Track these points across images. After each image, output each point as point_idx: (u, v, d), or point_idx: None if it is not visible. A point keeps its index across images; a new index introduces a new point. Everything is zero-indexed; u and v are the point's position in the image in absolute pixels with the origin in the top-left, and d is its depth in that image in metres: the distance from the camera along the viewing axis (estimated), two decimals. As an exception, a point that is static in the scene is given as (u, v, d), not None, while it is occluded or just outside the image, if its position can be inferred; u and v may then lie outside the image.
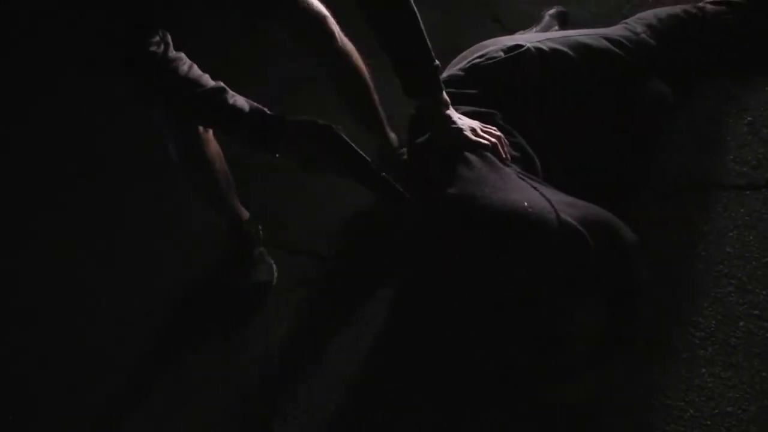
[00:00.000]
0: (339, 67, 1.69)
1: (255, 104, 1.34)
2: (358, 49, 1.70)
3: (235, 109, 1.31)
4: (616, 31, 1.60)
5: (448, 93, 1.50)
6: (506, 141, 1.40)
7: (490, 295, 1.35)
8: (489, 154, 1.36)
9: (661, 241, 1.54)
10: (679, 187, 1.62)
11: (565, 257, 1.24)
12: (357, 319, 1.71)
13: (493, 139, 1.37)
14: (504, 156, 1.37)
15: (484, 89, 1.48)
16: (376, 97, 1.78)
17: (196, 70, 1.31)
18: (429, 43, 1.35)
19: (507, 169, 1.35)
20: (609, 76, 1.55)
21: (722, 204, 1.55)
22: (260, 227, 1.96)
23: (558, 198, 1.27)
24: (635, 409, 1.34)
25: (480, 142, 1.36)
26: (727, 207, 1.54)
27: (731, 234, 1.51)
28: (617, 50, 1.54)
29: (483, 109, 1.47)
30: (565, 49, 1.51)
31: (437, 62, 1.37)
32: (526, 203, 1.21)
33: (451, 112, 1.39)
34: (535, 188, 1.30)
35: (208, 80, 1.31)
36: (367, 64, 1.73)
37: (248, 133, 1.34)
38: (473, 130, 1.38)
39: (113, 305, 2.01)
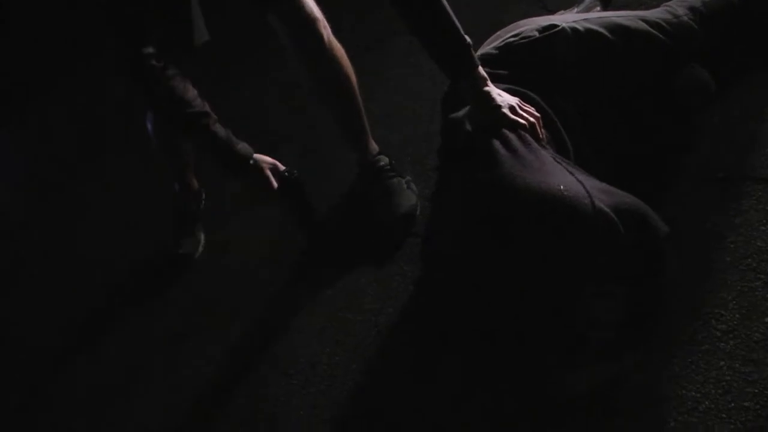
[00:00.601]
0: (326, 70, 1.73)
1: (231, 137, 1.54)
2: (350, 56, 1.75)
3: (214, 137, 1.51)
4: (655, 13, 1.56)
5: None
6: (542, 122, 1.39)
7: (515, 280, 1.35)
8: (526, 134, 1.36)
9: (690, 231, 1.50)
10: (713, 176, 1.57)
11: (597, 244, 1.23)
12: (375, 299, 1.73)
13: (531, 119, 1.37)
14: (541, 136, 1.37)
15: (516, 69, 1.47)
16: (361, 105, 1.81)
17: (190, 90, 1.48)
18: (457, 21, 1.36)
19: (543, 151, 1.34)
20: (647, 60, 1.52)
21: (756, 197, 1.51)
22: (203, 202, 2.09)
23: (593, 184, 1.26)
24: (649, 397, 1.33)
25: (518, 121, 1.36)
26: (761, 200, 1.50)
27: (763, 228, 1.46)
28: (656, 33, 1.50)
29: (521, 89, 1.45)
30: (602, 30, 1.48)
31: (468, 39, 1.37)
32: (561, 187, 1.21)
33: (491, 88, 1.39)
34: (570, 173, 1.29)
35: (197, 102, 1.49)
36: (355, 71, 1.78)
37: (217, 161, 1.55)
38: (512, 108, 1.38)
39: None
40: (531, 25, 1.54)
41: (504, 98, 1.39)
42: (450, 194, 1.42)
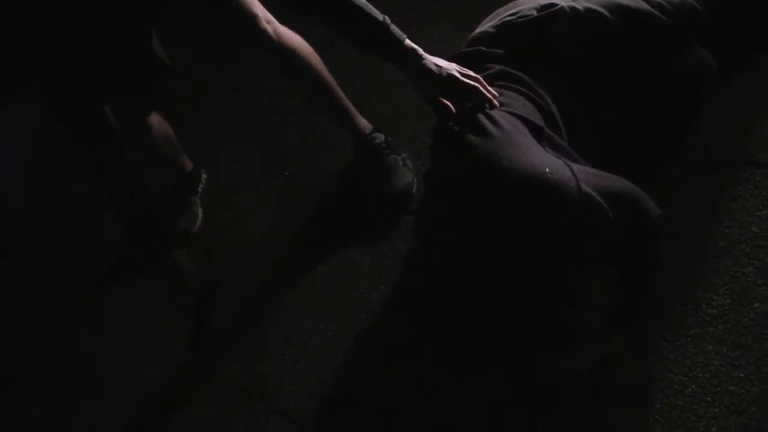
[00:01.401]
0: (281, 63, 1.72)
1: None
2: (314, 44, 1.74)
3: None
4: (658, -8, 1.53)
5: (477, 51, 1.48)
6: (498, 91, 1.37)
7: (502, 261, 1.35)
8: (513, 113, 1.34)
9: (685, 214, 1.50)
10: (711, 160, 1.56)
11: (583, 228, 1.22)
12: (368, 277, 1.74)
13: (473, 83, 1.34)
14: (490, 96, 1.34)
15: (512, 49, 1.45)
16: (335, 88, 1.79)
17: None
18: (366, 3, 1.34)
19: (531, 137, 1.32)
20: (647, 40, 1.49)
21: (754, 182, 1.50)
22: (203, 179, 2.11)
23: (581, 167, 1.25)
24: (636, 380, 1.34)
25: (468, 84, 1.33)
26: (759, 185, 1.49)
27: (759, 213, 1.45)
28: (657, 13, 1.47)
29: (512, 70, 1.43)
30: (601, 10, 1.45)
31: (383, 18, 1.35)
32: (547, 169, 1.19)
33: (426, 59, 1.36)
34: (557, 157, 1.27)
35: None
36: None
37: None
38: (453, 77, 1.34)
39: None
40: (530, 4, 1.51)
41: (443, 68, 1.35)
42: (440, 173, 1.41)
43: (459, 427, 1.41)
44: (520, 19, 1.47)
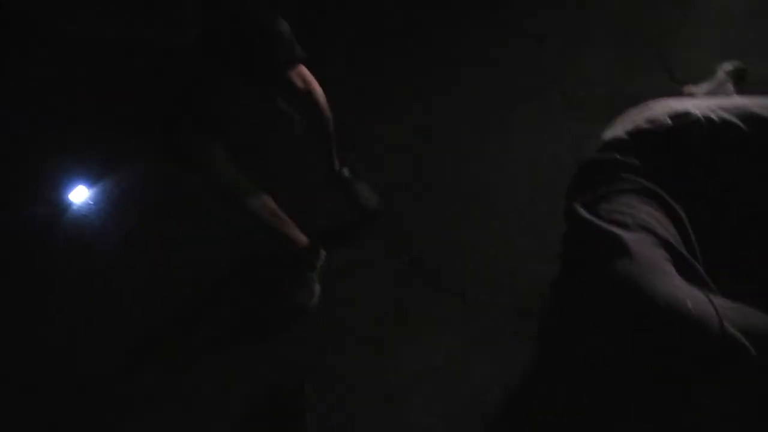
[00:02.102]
0: (312, 110, 2.04)
1: None
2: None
3: None
4: (796, 101, 1.48)
5: (611, 158, 1.46)
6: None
7: (629, 380, 1.31)
8: (653, 239, 1.31)
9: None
10: None
11: (722, 367, 1.18)
12: (485, 376, 1.73)
13: None
14: None
15: (647, 160, 1.43)
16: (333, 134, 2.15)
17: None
18: None
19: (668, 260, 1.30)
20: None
21: None
22: (322, 254, 2.13)
23: (722, 302, 1.21)
24: None
25: None
26: None
27: None
28: (794, 122, 1.43)
29: (650, 185, 1.41)
30: (736, 121, 1.40)
31: None
32: (689, 302, 1.17)
33: None
34: (698, 288, 1.24)
35: None
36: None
37: None
38: None
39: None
40: (663, 109, 1.49)
41: None
42: (573, 286, 1.41)
43: None
44: (654, 128, 1.46)
